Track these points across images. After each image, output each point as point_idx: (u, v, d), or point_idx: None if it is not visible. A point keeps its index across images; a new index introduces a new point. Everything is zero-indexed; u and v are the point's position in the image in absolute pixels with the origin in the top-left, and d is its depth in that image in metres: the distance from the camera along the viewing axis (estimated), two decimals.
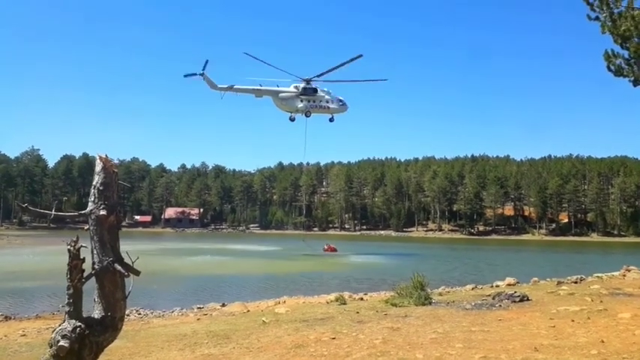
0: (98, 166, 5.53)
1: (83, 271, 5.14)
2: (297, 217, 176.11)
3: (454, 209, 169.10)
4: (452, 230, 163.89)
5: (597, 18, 14.16)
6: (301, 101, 56.59)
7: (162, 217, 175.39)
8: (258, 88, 55.79)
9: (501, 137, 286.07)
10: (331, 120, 60.22)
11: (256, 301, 22.69)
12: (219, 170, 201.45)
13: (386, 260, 58.85)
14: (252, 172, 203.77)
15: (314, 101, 57.33)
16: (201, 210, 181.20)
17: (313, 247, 67.88)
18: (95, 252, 5.23)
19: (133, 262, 5.35)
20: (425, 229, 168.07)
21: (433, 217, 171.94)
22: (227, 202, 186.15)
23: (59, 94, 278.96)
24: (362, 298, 20.58)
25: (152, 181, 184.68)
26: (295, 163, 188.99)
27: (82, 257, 5.14)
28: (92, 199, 5.40)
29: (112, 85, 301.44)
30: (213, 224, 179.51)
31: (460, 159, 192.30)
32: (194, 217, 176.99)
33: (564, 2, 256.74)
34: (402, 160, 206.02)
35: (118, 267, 5.16)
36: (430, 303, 15.61)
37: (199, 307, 21.16)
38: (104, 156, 5.58)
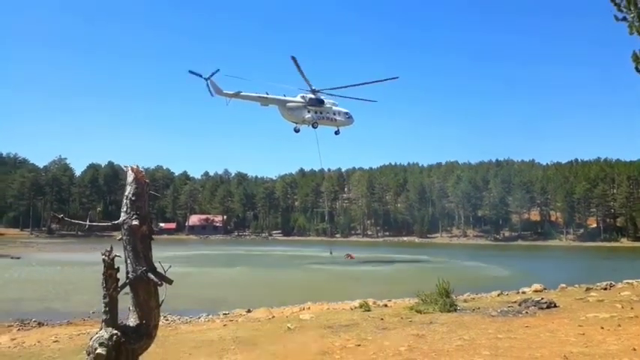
0: (130, 177, 5.65)
1: (118, 280, 5.30)
2: (319, 223, 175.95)
3: (479, 215, 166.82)
4: (477, 236, 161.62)
5: (625, 19, 13.88)
6: (308, 112, 55.23)
7: (187, 224, 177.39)
8: (265, 96, 54.17)
9: (525, 141, 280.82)
10: (337, 133, 58.90)
11: (281, 306, 22.77)
12: (241, 177, 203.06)
13: (408, 267, 58.38)
14: (274, 178, 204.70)
15: (321, 112, 56.08)
16: (225, 217, 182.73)
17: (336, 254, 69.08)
18: (129, 261, 5.38)
19: (165, 271, 5.50)
20: (449, 235, 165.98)
21: (457, 222, 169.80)
22: (250, 209, 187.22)
23: (83, 103, 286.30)
24: (386, 305, 20.51)
25: (176, 189, 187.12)
26: (316, 169, 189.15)
27: (116, 267, 5.30)
28: (124, 209, 5.54)
29: (136, 93, 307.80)
30: (236, 231, 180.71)
31: (484, 163, 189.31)
32: (218, 224, 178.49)
33: (596, 9, 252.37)
34: (425, 165, 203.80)
35: (152, 276, 5.31)
36: (455, 310, 15.50)
37: (225, 313, 21.36)
38: (135, 167, 5.70)
